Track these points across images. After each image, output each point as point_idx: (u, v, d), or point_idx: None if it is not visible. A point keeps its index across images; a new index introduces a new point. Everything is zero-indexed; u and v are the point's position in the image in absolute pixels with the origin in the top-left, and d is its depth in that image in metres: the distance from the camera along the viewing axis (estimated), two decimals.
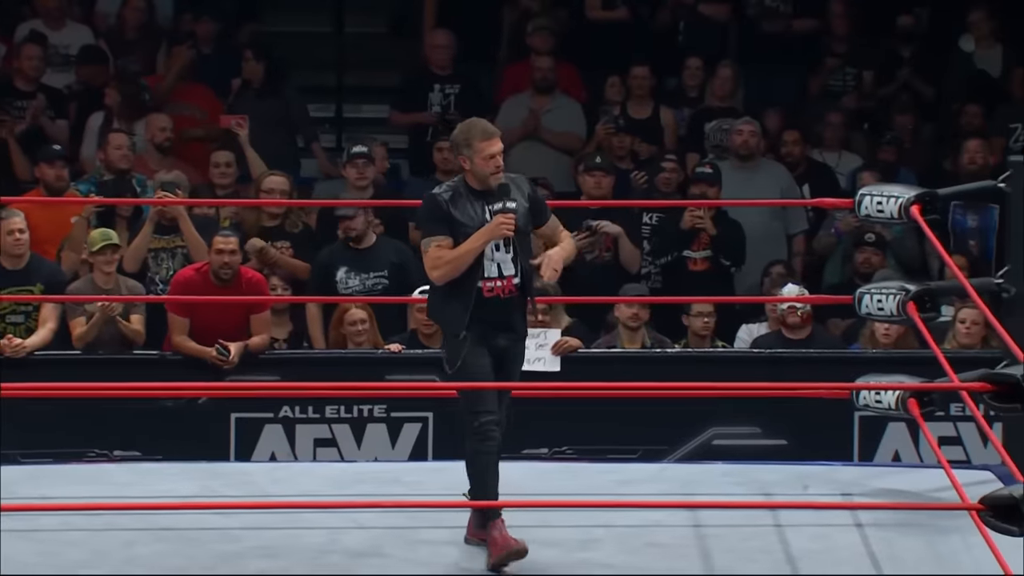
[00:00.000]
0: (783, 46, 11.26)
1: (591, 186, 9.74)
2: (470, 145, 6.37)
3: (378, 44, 11.67)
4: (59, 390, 8.08)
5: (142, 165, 10.13)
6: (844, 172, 10.55)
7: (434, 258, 6.33)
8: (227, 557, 6.38)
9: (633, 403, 8.40)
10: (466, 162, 6.38)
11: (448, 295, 6.39)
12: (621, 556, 6.45)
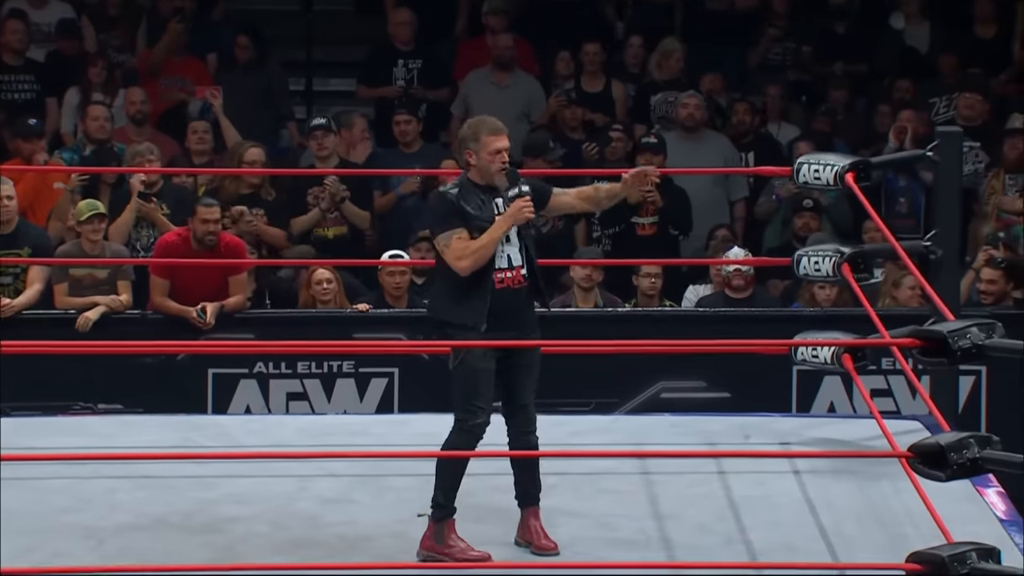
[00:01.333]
0: (726, 23, 11.23)
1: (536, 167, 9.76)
2: (477, 140, 6.09)
3: (345, 21, 11.59)
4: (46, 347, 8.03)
5: (121, 135, 10.06)
6: (783, 141, 10.55)
7: (460, 249, 6.02)
8: (203, 503, 6.35)
9: (586, 359, 8.40)
10: (472, 156, 6.09)
11: (462, 289, 6.08)
12: (575, 502, 6.45)
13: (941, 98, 10.74)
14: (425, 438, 7.04)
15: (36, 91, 10.48)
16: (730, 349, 8.15)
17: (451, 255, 6.04)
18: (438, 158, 9.96)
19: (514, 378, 6.19)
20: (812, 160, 7.34)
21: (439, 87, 10.83)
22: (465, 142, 6.12)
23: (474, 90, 10.67)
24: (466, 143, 6.12)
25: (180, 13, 10.74)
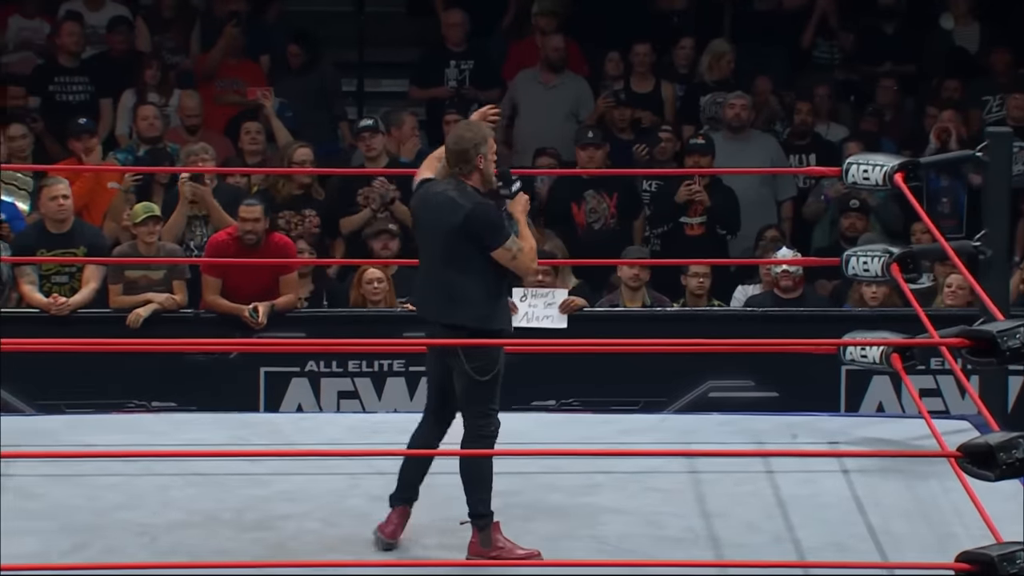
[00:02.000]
0: (774, 23, 11.18)
1: (584, 160, 9.69)
2: (486, 142, 6.03)
3: (397, 22, 11.60)
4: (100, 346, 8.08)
5: (176, 136, 10.09)
6: (832, 141, 10.49)
7: (531, 251, 5.99)
8: (255, 501, 6.35)
9: (634, 358, 8.37)
10: (481, 161, 6.01)
11: (496, 295, 6.07)
12: (623, 500, 6.42)
13: (995, 97, 10.66)
14: None
15: (90, 92, 10.52)
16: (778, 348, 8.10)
17: (527, 260, 6.00)
18: None
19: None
20: (861, 160, 7.30)
21: (490, 87, 10.82)
22: (477, 148, 5.99)
23: (522, 90, 10.66)
24: (478, 149, 6.00)
25: (236, 17, 10.77)
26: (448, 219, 5.97)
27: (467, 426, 6.09)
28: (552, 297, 8.80)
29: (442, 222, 5.99)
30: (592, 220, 9.71)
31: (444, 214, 5.98)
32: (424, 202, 6.08)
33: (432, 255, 6.06)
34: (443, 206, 5.99)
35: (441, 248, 6.01)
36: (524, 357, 8.55)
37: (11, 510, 6.18)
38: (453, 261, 5.99)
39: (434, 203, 6.03)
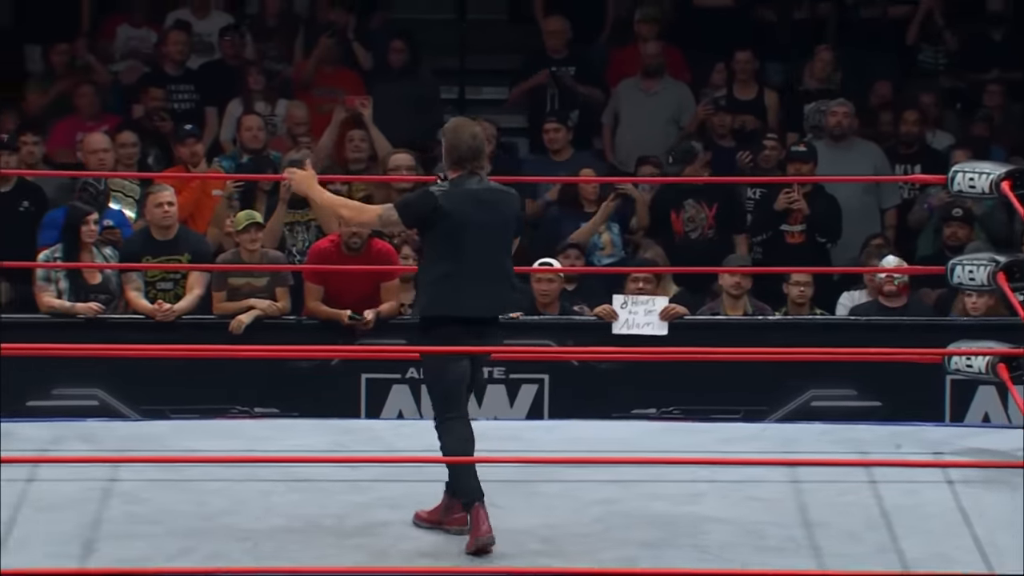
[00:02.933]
0: (879, 31, 11.09)
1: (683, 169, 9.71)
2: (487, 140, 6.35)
3: (498, 29, 11.62)
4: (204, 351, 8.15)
5: (280, 144, 10.17)
6: (938, 149, 10.39)
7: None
8: (356, 507, 6.38)
9: (736, 366, 8.33)
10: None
11: None
12: (724, 509, 6.39)
13: None
14: (574, 444, 7.06)
15: (196, 100, 10.63)
16: (881, 357, 8.04)
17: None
18: (586, 165, 9.95)
19: None
20: (967, 168, 7.22)
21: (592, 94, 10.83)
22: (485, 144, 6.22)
23: (624, 97, 10.65)
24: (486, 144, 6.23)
25: (331, 28, 10.83)
26: (506, 210, 6.10)
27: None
28: (652, 304, 8.79)
29: (500, 214, 6.09)
30: (689, 229, 9.68)
31: (500, 206, 6.10)
32: (472, 200, 6.06)
33: (490, 249, 6.09)
34: (496, 199, 6.11)
35: (500, 240, 6.12)
36: (624, 365, 8.58)
37: (118, 514, 6.26)
38: (508, 250, 6.18)
39: (484, 198, 6.09)
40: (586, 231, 9.49)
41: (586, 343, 8.63)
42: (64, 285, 8.68)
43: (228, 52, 10.77)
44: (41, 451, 6.86)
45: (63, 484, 6.43)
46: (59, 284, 8.69)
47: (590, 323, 8.83)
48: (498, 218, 6.09)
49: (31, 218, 9.35)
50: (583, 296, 9.12)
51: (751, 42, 10.80)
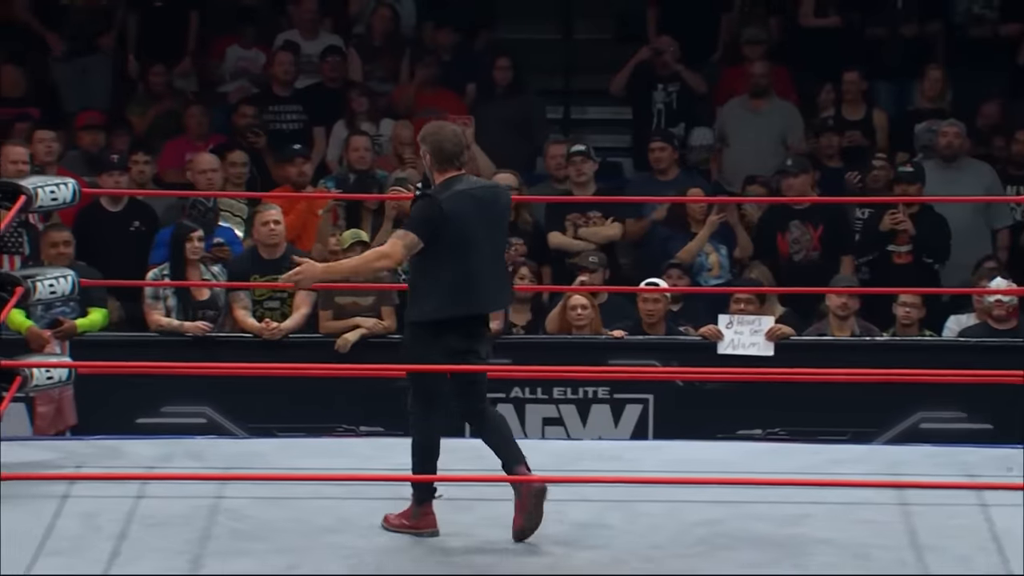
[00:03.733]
0: (989, 50, 10.97)
1: (784, 188, 9.62)
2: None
3: (605, 48, 11.62)
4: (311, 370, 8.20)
5: (386, 164, 10.22)
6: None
7: None
8: (460, 527, 6.38)
9: (843, 388, 8.26)
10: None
11: None
12: (831, 531, 6.33)
13: None
14: (678, 464, 7.02)
15: (303, 121, 10.71)
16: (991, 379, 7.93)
17: None
18: (692, 185, 9.91)
19: None
20: None
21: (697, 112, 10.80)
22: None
23: (731, 117, 10.62)
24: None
25: (431, 55, 10.87)
26: (501, 206, 6.23)
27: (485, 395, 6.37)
28: (759, 324, 8.74)
29: (496, 211, 6.21)
30: (794, 251, 9.63)
31: (495, 203, 6.22)
32: (471, 200, 6.15)
33: (491, 246, 6.20)
34: (490, 196, 6.23)
35: (499, 236, 6.27)
36: (730, 385, 8.53)
37: (224, 531, 6.31)
38: (505, 245, 6.37)
39: (480, 196, 6.19)
40: (691, 249, 9.45)
41: (691, 363, 8.59)
42: (172, 302, 8.78)
43: (329, 74, 10.85)
44: (150, 468, 6.93)
45: (171, 501, 6.49)
46: (167, 301, 8.78)
47: (695, 343, 8.79)
48: (495, 215, 6.22)
49: (142, 237, 9.47)
50: (688, 316, 9.09)
51: (860, 62, 10.72)
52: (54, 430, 8.43)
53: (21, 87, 10.75)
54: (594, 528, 6.38)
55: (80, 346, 8.51)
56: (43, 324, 8.55)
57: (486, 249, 6.18)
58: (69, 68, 11.02)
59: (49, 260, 8.65)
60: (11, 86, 10.73)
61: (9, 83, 10.74)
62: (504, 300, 6.43)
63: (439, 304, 6.15)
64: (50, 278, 6.93)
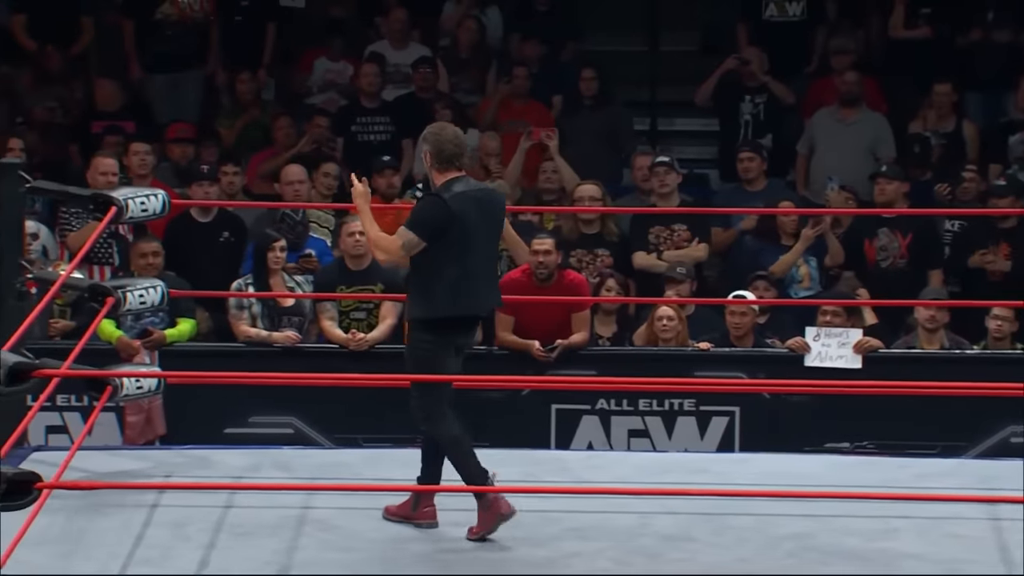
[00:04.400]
0: None
1: (876, 193, 9.56)
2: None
3: (691, 60, 11.59)
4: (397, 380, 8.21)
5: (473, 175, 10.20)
6: None
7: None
8: (545, 538, 6.37)
9: (932, 401, 8.16)
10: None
11: None
12: (921, 546, 6.27)
13: None
14: (765, 477, 6.98)
15: (391, 132, 10.75)
16: None
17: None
18: (781, 196, 9.86)
19: None
20: None
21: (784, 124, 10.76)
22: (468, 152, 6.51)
23: (819, 127, 10.56)
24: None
25: (518, 66, 10.88)
26: (497, 210, 6.34)
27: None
28: (846, 337, 8.68)
29: (493, 214, 6.32)
30: (881, 258, 9.54)
31: (495, 206, 6.35)
32: (472, 202, 6.26)
33: (488, 248, 6.34)
34: (488, 199, 6.34)
35: (495, 239, 6.37)
36: (817, 398, 8.47)
37: (312, 541, 6.33)
38: (498, 248, 6.44)
39: (479, 198, 6.29)
40: (786, 263, 9.39)
41: (778, 376, 8.54)
42: (257, 310, 8.82)
43: (420, 84, 10.89)
44: (238, 478, 6.97)
45: (260, 511, 6.53)
46: (252, 309, 8.83)
47: (782, 355, 8.73)
48: (492, 218, 6.33)
49: (231, 248, 9.53)
50: (775, 328, 9.03)
51: (951, 73, 10.63)
52: (144, 439, 8.50)
53: (117, 101, 10.87)
54: (680, 541, 6.35)
55: (169, 356, 8.58)
56: (133, 334, 8.63)
57: (483, 251, 6.33)
58: (162, 82, 11.13)
59: (138, 271, 8.72)
60: (106, 99, 10.86)
61: (104, 97, 10.86)
62: (496, 301, 6.54)
63: (446, 302, 6.27)
64: (140, 289, 6.99)
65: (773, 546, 6.27)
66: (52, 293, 6.65)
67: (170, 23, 11.09)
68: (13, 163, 7.36)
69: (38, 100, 10.87)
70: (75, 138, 10.76)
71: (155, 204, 7.01)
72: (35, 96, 10.92)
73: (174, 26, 11.09)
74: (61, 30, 11.15)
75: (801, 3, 11.11)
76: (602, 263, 9.47)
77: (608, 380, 8.54)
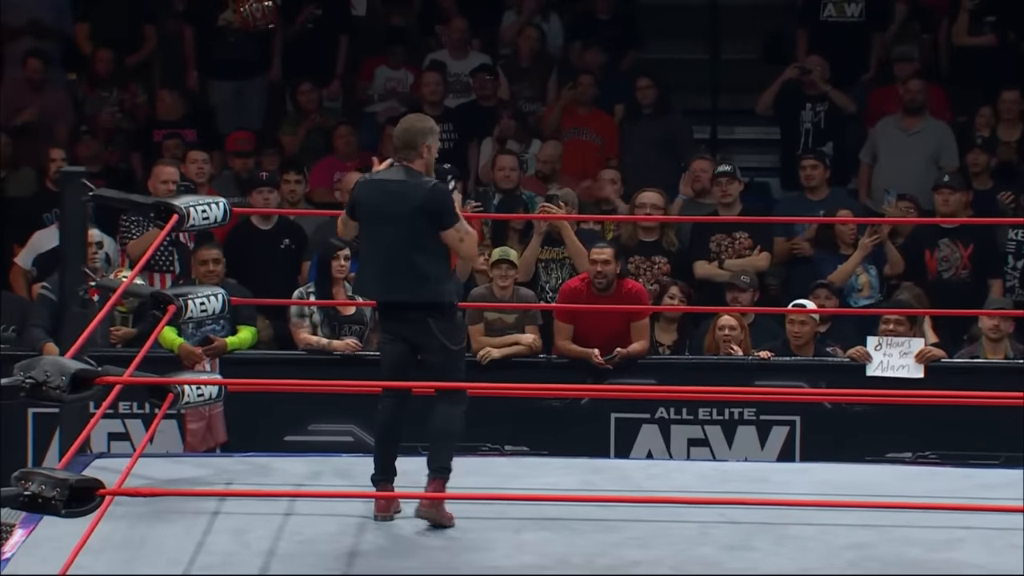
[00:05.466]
0: None
1: (939, 203, 9.50)
2: (433, 134, 6.46)
3: (752, 68, 11.57)
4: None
5: (532, 184, 10.24)
6: None
7: (475, 236, 6.45)
8: (606, 546, 6.37)
9: (995, 411, 8.13)
10: (426, 150, 6.42)
11: (450, 272, 6.48)
12: (986, 556, 6.23)
13: None
14: (826, 487, 6.96)
15: (454, 140, 10.78)
16: None
17: (472, 243, 6.43)
18: (842, 204, 9.83)
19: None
20: None
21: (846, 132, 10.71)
22: (424, 136, 6.43)
23: (882, 136, 10.52)
24: (424, 137, 6.43)
25: (581, 74, 10.89)
26: (410, 200, 6.33)
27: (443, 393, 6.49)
28: (908, 346, 8.63)
29: (404, 204, 6.33)
30: (943, 269, 9.51)
31: (405, 197, 6.35)
32: (376, 190, 6.43)
33: (393, 239, 6.36)
34: (402, 190, 6.36)
35: (406, 230, 6.34)
36: (879, 407, 8.44)
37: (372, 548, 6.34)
38: (415, 240, 6.34)
39: (390, 189, 6.39)
40: (844, 272, 9.36)
41: (839, 385, 8.50)
42: (318, 318, 8.85)
43: (481, 92, 10.91)
44: (299, 485, 6.99)
45: (320, 519, 6.55)
46: (313, 318, 8.86)
47: (843, 365, 8.70)
48: (402, 209, 6.36)
49: (291, 255, 9.58)
50: (836, 337, 9.00)
51: (1017, 80, 10.56)
52: (205, 447, 8.55)
53: (178, 109, 10.95)
54: (740, 551, 6.33)
55: (230, 364, 8.62)
56: (194, 342, 8.68)
57: (382, 239, 6.46)
58: (226, 89, 11.20)
59: (199, 278, 8.77)
60: (167, 108, 10.93)
61: (165, 105, 10.94)
62: (393, 293, 6.52)
63: (456, 288, 6.52)
64: (201, 296, 7.03)
65: (834, 556, 6.24)
66: (114, 300, 6.69)
67: (232, 30, 11.16)
68: (77, 171, 7.42)
69: (96, 106, 10.96)
70: (137, 147, 10.84)
71: (216, 212, 7.05)
72: (94, 102, 11.01)
73: (236, 33, 11.16)
74: (124, 38, 11.24)
75: (860, 4, 11.07)
76: (659, 270, 9.46)
77: (668, 389, 8.52)
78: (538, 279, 9.39)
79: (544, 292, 9.36)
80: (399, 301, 6.45)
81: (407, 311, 6.47)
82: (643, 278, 9.37)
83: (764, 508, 6.57)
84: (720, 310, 8.96)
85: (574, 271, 9.24)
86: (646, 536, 6.44)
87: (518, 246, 9.33)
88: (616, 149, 10.79)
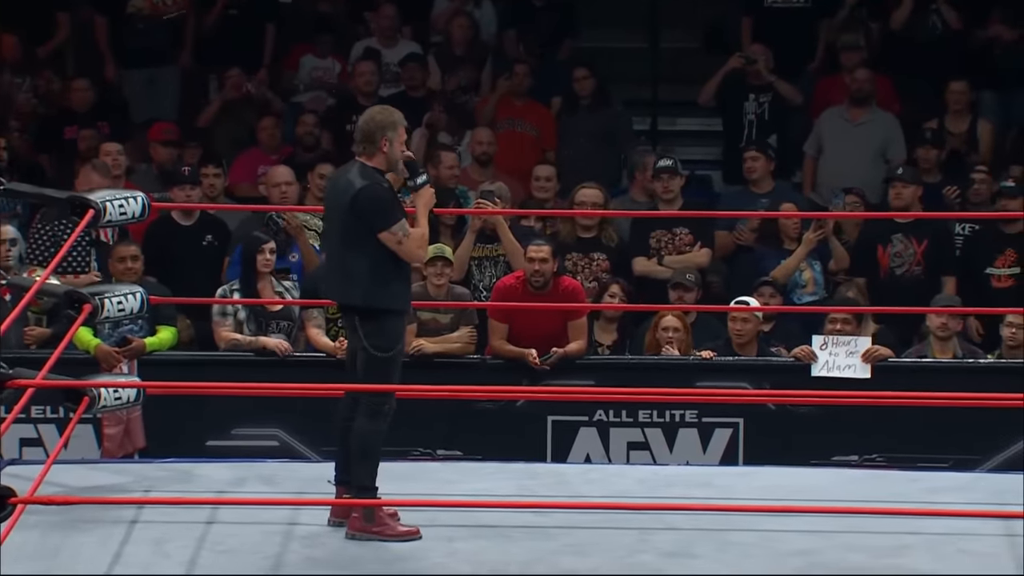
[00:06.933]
0: None
1: (892, 197, 9.56)
2: (395, 128, 6.43)
3: (693, 58, 11.60)
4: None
5: (465, 178, 10.23)
6: None
7: (419, 238, 6.37)
8: (541, 554, 6.37)
9: (944, 413, 8.18)
10: (386, 144, 6.40)
11: (389, 276, 6.37)
12: (933, 563, 6.27)
13: None
14: (770, 491, 6.98)
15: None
16: None
17: (413, 245, 6.36)
18: (786, 198, 9.87)
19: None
20: None
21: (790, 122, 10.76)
22: (383, 130, 6.40)
23: (827, 127, 10.56)
24: (384, 131, 6.40)
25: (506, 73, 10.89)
26: (343, 199, 6.35)
27: (365, 401, 6.44)
28: (855, 345, 8.68)
29: (340, 202, 6.37)
30: (895, 265, 9.54)
31: (341, 194, 6.37)
32: (330, 184, 6.58)
33: (331, 239, 6.50)
34: (342, 187, 6.40)
35: (338, 228, 6.40)
36: (824, 409, 8.48)
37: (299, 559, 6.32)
38: (346, 241, 6.37)
39: (337, 185, 6.45)
40: (788, 268, 9.40)
41: (784, 385, 8.54)
42: (243, 315, 8.81)
43: (410, 82, 10.89)
44: (221, 493, 6.96)
45: (243, 527, 6.52)
46: (237, 316, 8.82)
47: (788, 365, 8.74)
48: (337, 207, 6.40)
49: (214, 252, 9.53)
50: (780, 336, 9.04)
51: (966, 71, 10.63)
52: (122, 452, 8.50)
53: (90, 101, 10.85)
54: (681, 558, 6.35)
55: (148, 365, 8.58)
56: (111, 342, 8.62)
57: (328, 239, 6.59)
58: (138, 79, 11.12)
59: (117, 276, 8.71)
60: (80, 100, 10.84)
61: (79, 97, 10.84)
62: (331, 294, 6.61)
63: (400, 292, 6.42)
64: (119, 295, 6.99)
65: (779, 563, 6.27)
66: (27, 300, 6.64)
67: (142, 17, 11.09)
68: None
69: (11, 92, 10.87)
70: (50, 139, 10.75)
71: (134, 207, 7.00)
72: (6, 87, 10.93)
73: (146, 20, 11.08)
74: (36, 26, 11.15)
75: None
76: (598, 267, 9.47)
77: (607, 390, 8.54)
78: (471, 277, 9.38)
79: (478, 291, 9.35)
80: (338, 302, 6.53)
81: (343, 312, 6.56)
82: (581, 275, 9.38)
83: (706, 513, 6.59)
84: (660, 308, 8.98)
85: (508, 269, 9.24)
86: (584, 543, 6.45)
87: (450, 243, 9.32)
88: (553, 141, 10.79)
